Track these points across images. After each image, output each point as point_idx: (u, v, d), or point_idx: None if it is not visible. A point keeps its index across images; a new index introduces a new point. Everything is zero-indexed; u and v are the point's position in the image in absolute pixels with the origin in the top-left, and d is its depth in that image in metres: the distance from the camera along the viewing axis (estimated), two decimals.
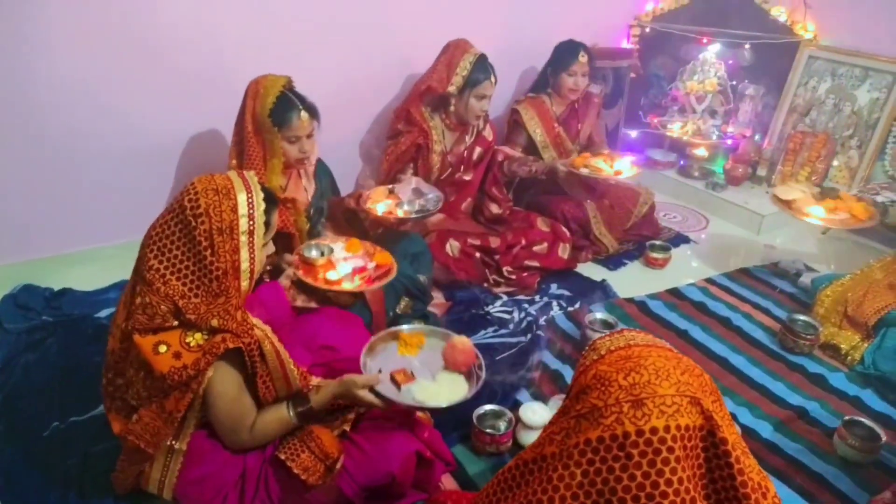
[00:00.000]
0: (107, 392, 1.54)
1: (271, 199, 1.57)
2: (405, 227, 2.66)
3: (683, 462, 0.81)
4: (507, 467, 0.98)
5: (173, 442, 1.48)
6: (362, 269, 2.07)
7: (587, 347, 1.00)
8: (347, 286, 2.00)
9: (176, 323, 1.42)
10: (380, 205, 2.53)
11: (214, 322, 1.40)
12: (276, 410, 1.53)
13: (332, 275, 2.01)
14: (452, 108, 2.89)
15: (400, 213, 2.52)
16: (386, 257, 2.13)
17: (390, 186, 2.67)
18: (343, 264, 2.07)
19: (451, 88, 2.81)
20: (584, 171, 2.95)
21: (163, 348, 1.40)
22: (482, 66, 2.81)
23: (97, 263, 2.70)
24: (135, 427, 1.46)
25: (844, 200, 2.89)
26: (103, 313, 2.47)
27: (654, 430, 0.81)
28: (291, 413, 1.53)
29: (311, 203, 2.43)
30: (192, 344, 1.40)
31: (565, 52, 3.13)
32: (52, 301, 2.51)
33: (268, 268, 2.16)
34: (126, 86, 2.57)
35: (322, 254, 2.06)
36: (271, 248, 1.65)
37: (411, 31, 3.09)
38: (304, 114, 2.23)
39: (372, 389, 1.54)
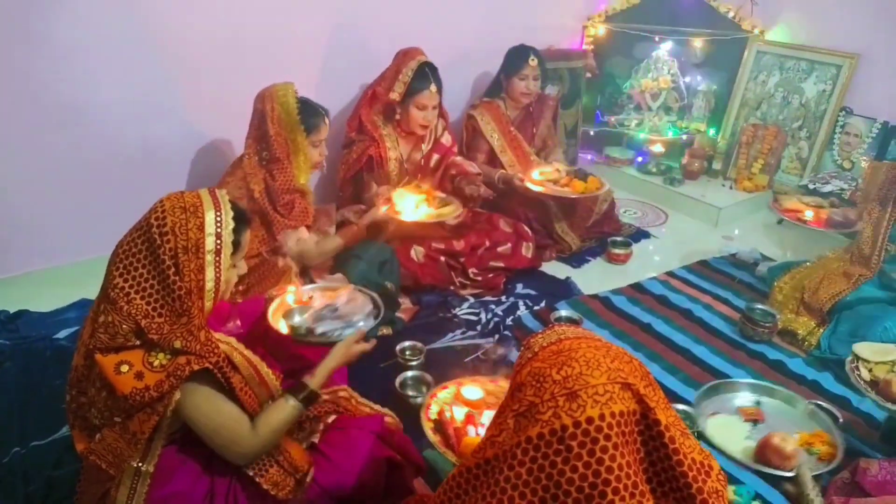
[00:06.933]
0: (70, 409, 1.51)
1: (241, 219, 1.53)
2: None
3: (622, 448, 0.83)
4: (451, 475, 0.98)
5: (140, 464, 1.45)
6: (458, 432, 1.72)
7: (522, 347, 1.02)
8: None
9: (139, 342, 1.39)
10: (282, 322, 1.84)
11: (177, 343, 1.37)
12: (275, 407, 1.51)
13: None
14: (398, 117, 2.84)
15: (288, 326, 1.84)
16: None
17: (316, 286, 2.07)
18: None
19: (393, 95, 2.76)
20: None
21: (125, 368, 1.37)
22: (423, 75, 2.75)
23: (54, 283, 2.63)
24: (97, 447, 1.43)
25: (589, 182, 3.09)
26: (62, 334, 2.42)
27: (589, 420, 0.82)
28: (292, 402, 1.51)
29: None
30: (155, 364, 1.37)
31: (515, 57, 3.17)
32: (7, 324, 2.45)
33: (240, 287, 2.12)
34: (86, 97, 2.51)
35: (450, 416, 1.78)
36: (243, 269, 1.61)
37: (367, 37, 3.08)
38: (326, 119, 2.42)
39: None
